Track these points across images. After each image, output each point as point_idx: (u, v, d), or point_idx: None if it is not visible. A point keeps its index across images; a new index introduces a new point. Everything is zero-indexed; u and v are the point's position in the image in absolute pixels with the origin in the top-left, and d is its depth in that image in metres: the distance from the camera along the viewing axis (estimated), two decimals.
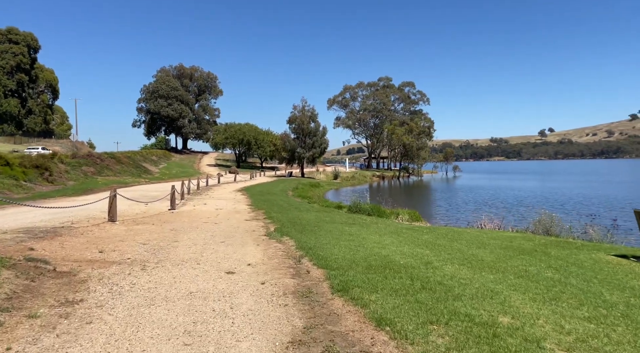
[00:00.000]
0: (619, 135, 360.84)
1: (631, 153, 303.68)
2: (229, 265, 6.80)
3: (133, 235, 9.76)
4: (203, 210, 16.03)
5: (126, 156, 45.90)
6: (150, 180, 39.28)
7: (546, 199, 27.59)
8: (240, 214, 14.76)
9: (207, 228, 11.07)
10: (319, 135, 51.77)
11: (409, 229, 10.66)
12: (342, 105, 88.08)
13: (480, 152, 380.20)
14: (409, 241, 8.49)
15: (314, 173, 59.27)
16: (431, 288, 5.01)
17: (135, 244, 8.61)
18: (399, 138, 67.36)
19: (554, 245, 8.04)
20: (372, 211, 16.21)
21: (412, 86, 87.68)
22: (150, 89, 78.74)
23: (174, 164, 59.86)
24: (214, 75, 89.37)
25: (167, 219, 13.24)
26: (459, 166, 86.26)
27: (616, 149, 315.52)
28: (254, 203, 19.05)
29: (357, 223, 12.01)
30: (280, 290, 5.27)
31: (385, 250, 7.54)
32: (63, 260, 7.03)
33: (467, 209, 23.42)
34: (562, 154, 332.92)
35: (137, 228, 10.97)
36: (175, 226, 11.40)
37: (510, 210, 21.04)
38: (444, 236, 9.25)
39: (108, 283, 5.69)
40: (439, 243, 8.32)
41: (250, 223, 12.22)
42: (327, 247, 7.86)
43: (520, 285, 5.12)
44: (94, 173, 34.49)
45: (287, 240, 9.00)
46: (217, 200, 20.66)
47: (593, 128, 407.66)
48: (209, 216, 14.24)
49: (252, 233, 10.23)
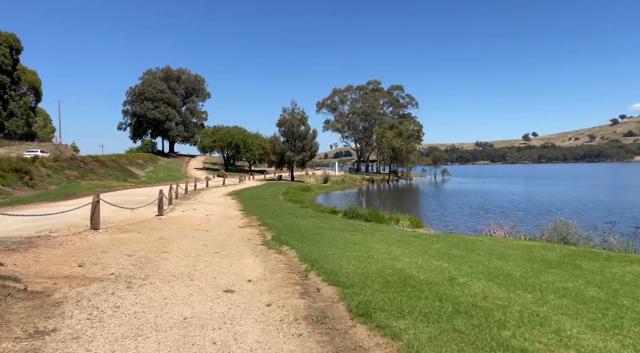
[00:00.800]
0: (601, 139, 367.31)
1: (612, 157, 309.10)
2: (227, 280, 6.04)
3: (118, 245, 8.93)
4: (193, 216, 15.19)
5: (111, 160, 44.61)
6: (136, 184, 38.10)
7: (542, 203, 27.23)
8: (233, 221, 13.96)
9: (199, 236, 10.27)
10: (309, 138, 51.08)
11: (416, 237, 10.00)
12: (331, 108, 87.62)
13: (466, 156, 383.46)
14: (421, 252, 7.82)
15: (304, 177, 58.52)
16: (466, 312, 4.33)
17: (120, 256, 7.78)
18: (388, 142, 67.01)
19: (579, 255, 7.46)
20: (370, 216, 15.53)
21: (401, 89, 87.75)
22: (136, 92, 77.20)
23: (161, 168, 58.56)
24: (201, 77, 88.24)
25: (155, 226, 12.39)
26: (447, 169, 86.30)
27: (598, 154, 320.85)
28: (245, 208, 18.25)
29: (359, 230, 11.33)
30: (290, 314, 4.54)
31: (399, 262, 6.86)
32: (36, 276, 6.19)
33: (463, 214, 22.89)
34: (545, 158, 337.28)
35: (122, 237, 10.12)
36: (163, 235, 10.57)
37: (508, 215, 20.51)
38: (457, 245, 8.60)
39: (87, 306, 4.89)
40: (454, 253, 7.66)
41: (244, 231, 11.45)
42: (334, 259, 7.14)
43: (568, 308, 4.47)
44: (77, 176, 33.25)
45: (288, 250, 8.26)
46: (207, 205, 19.81)
47: (575, 133, 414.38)
48: (199, 222, 13.42)
49: (248, 242, 9.46)
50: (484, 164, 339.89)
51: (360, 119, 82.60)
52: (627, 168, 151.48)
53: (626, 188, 45.54)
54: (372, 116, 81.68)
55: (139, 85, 78.13)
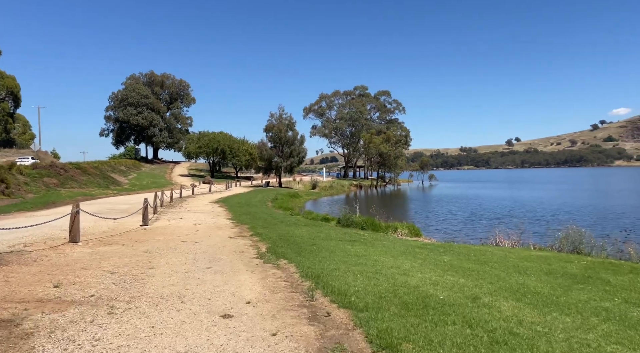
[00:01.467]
0: (582, 144, 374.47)
1: (593, 162, 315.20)
2: (223, 303, 5.38)
3: (99, 260, 8.18)
4: (180, 226, 14.42)
5: (93, 167, 43.27)
6: (119, 192, 36.94)
7: (534, 209, 26.96)
8: (223, 231, 13.25)
9: (188, 249, 9.56)
10: (296, 144, 50.43)
11: (420, 247, 9.45)
12: (318, 114, 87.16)
13: (451, 161, 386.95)
14: (431, 265, 7.27)
15: (291, 183, 57.81)
16: (505, 342, 3.76)
17: (102, 273, 7.05)
18: (376, 147, 66.73)
19: (601, 267, 7.00)
20: (366, 224, 14.95)
21: (388, 95, 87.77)
22: (119, 97, 75.54)
23: (145, 175, 57.19)
24: (186, 82, 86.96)
25: (140, 237, 11.62)
26: (435, 175, 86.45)
27: (579, 158, 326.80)
28: (235, 217, 17.52)
29: (358, 240, 10.74)
30: (301, 347, 3.91)
31: (411, 277, 6.28)
32: (4, 300, 5.45)
33: (458, 220, 22.41)
34: (528, 163, 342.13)
35: (104, 251, 9.35)
36: (149, 247, 9.83)
37: (503, 221, 20.22)
38: (467, 257, 8.08)
39: (62, 338, 4.19)
40: (467, 267, 7.13)
41: (236, 242, 10.76)
42: (339, 274, 6.54)
43: (619, 335, 3.95)
44: (57, 184, 32.00)
45: (286, 264, 7.63)
46: (194, 213, 19.01)
47: (557, 138, 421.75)
48: (187, 233, 12.68)
49: (242, 255, 8.79)
50: (468, 169, 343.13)
51: (347, 124, 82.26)
52: (609, 172, 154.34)
53: (614, 193, 45.90)
54: (360, 122, 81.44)
55: (121, 90, 76.50)
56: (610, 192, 47.15)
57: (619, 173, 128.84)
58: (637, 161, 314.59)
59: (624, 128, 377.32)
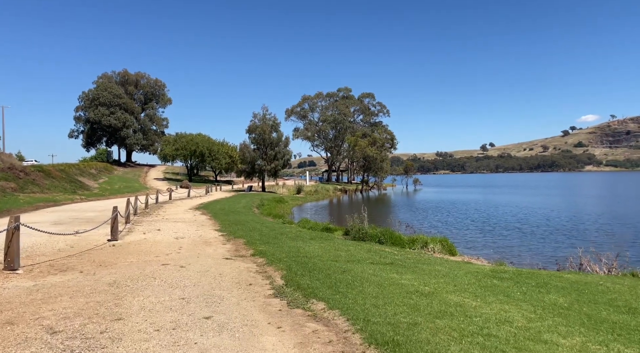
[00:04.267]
0: (553, 150, 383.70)
1: (564, 167, 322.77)
2: None
3: (40, 303, 5.47)
4: (158, 240, 11.65)
5: (58, 170, 39.49)
6: (87, 197, 33.46)
7: (547, 219, 24.27)
8: (214, 247, 10.57)
9: (172, 279, 6.90)
10: (281, 146, 47.71)
11: (491, 276, 7.03)
12: (301, 116, 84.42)
13: (427, 165, 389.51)
14: (548, 312, 4.88)
15: (275, 187, 54.97)
16: None
17: (36, 332, 4.38)
18: (362, 150, 64.58)
19: None
20: (384, 237, 12.49)
21: (372, 97, 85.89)
22: (90, 97, 71.06)
23: (117, 179, 53.34)
24: (162, 82, 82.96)
25: (106, 259, 8.86)
26: (419, 179, 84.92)
27: (551, 163, 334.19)
28: (224, 227, 14.82)
29: (395, 263, 8.28)
30: None
31: (539, 344, 3.85)
32: None
33: (473, 231, 19.65)
34: (502, 168, 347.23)
35: (53, 283, 6.61)
36: (117, 276, 7.12)
37: (525, 233, 18.04)
38: (577, 296, 5.70)
39: None
40: (601, 316, 4.76)
41: (236, 265, 8.13)
42: (426, 338, 4.04)
43: None
44: (16, 189, 28.43)
45: (326, 311, 5.08)
46: (174, 223, 16.19)
47: (530, 143, 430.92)
48: (168, 251, 9.96)
49: (251, 291, 6.20)
50: (444, 173, 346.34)
51: (330, 127, 79.89)
52: (588, 177, 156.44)
53: (634, 199, 43.55)
54: (343, 124, 79.16)
55: (93, 89, 72.06)
56: (629, 198, 44.42)
57: (597, 178, 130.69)
58: (607, 166, 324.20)
59: (593, 134, 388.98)
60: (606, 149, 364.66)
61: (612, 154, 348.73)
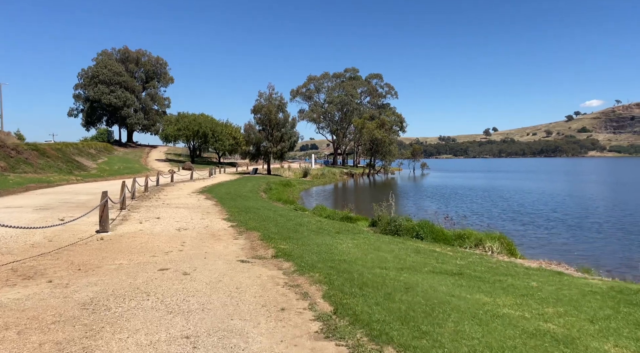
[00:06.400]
0: (557, 135, 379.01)
1: (567, 152, 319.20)
2: None
3: None
4: (156, 233, 9.72)
5: (55, 149, 37.47)
6: (83, 178, 31.56)
7: (585, 208, 21.55)
8: (224, 244, 8.63)
9: (171, 297, 4.96)
10: (287, 127, 45.47)
11: (636, 304, 5.04)
12: (306, 97, 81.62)
13: (430, 150, 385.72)
14: None
15: (280, 170, 52.96)
16: None
17: None
18: (370, 133, 62.22)
19: None
20: (424, 231, 10.52)
21: (380, 78, 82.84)
22: (89, 74, 68.51)
23: (117, 159, 51.37)
24: (163, 60, 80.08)
25: (88, 260, 6.93)
26: (427, 163, 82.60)
27: (554, 149, 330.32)
28: (232, 216, 12.87)
29: (469, 274, 6.29)
30: None
31: None
32: None
33: (506, 219, 17.59)
34: (505, 153, 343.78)
35: (9, 301, 4.68)
36: (97, 291, 5.18)
37: (572, 226, 15.96)
38: None
39: None
40: None
41: (256, 274, 6.18)
42: None
43: None
44: (6, 168, 26.52)
45: None
46: (176, 209, 14.25)
47: (533, 128, 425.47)
48: (167, 248, 8.03)
49: (286, 323, 4.25)
50: (447, 158, 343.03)
51: (337, 108, 77.24)
52: (593, 162, 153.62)
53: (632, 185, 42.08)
54: (350, 106, 76.50)
55: (92, 67, 69.47)
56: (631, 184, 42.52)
57: (603, 163, 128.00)
58: (610, 152, 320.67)
59: (597, 120, 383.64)
60: (610, 135, 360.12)
61: (616, 140, 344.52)
